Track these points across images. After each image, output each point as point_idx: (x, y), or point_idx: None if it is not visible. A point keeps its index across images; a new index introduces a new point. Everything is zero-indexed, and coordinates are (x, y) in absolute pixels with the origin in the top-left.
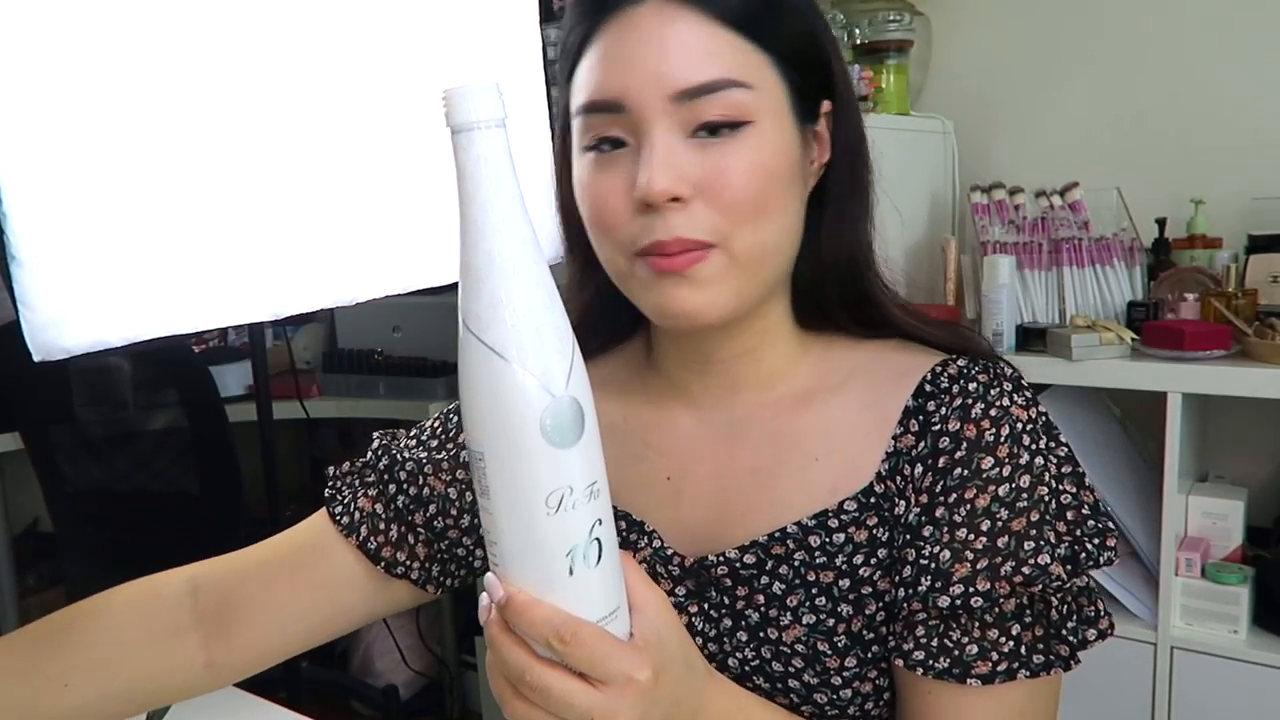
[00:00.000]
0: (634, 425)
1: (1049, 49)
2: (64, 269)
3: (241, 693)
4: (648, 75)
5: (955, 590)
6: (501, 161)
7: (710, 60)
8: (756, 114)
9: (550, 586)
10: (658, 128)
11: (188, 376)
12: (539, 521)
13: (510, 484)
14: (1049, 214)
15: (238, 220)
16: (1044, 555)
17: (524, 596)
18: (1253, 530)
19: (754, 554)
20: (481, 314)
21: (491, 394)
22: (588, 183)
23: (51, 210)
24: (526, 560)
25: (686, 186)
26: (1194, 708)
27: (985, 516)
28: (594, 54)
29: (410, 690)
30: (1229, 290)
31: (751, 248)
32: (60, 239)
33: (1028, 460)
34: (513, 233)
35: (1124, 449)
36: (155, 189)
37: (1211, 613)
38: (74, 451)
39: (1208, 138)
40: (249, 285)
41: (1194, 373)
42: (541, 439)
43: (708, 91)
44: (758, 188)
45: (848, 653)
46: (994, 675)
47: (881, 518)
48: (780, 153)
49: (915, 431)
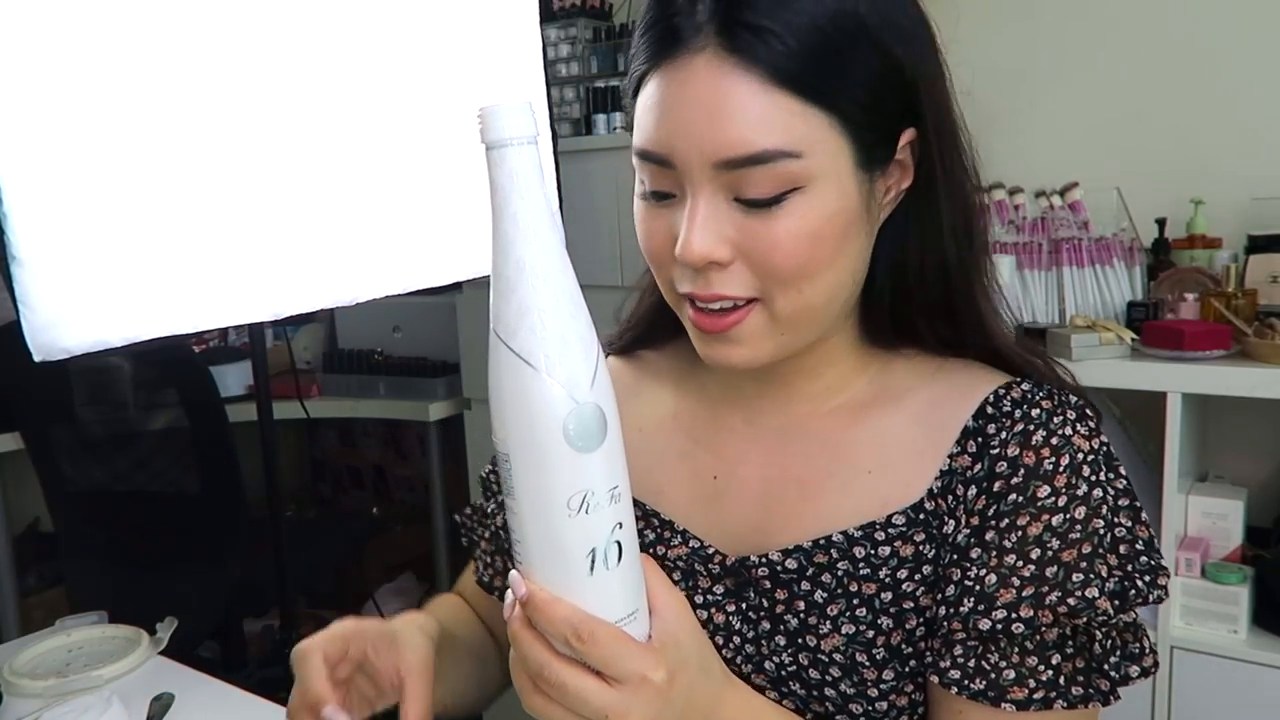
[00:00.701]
0: (685, 421)
1: (1049, 49)
2: (64, 269)
3: (241, 693)
4: (693, 140)
5: (998, 615)
6: (532, 176)
7: (760, 128)
8: (807, 180)
9: (571, 586)
10: (702, 191)
11: (188, 376)
12: (561, 522)
13: (534, 486)
14: (1049, 214)
15: (238, 220)
16: (1092, 589)
17: (545, 594)
18: (1252, 530)
19: (796, 559)
20: (510, 321)
21: (517, 398)
22: (641, 220)
23: (51, 210)
24: (548, 559)
25: (726, 250)
26: (1194, 708)
27: (1036, 545)
28: (649, 95)
29: None
30: (1229, 290)
31: (795, 309)
32: (60, 239)
33: (1085, 492)
34: (542, 244)
35: (1124, 449)
36: (155, 189)
37: (1211, 613)
38: (74, 451)
39: (1208, 138)
40: (249, 285)
41: (1194, 373)
42: (565, 443)
43: (754, 163)
44: (801, 255)
45: (885, 665)
46: (1030, 702)
47: (929, 535)
48: (832, 214)
49: (973, 453)
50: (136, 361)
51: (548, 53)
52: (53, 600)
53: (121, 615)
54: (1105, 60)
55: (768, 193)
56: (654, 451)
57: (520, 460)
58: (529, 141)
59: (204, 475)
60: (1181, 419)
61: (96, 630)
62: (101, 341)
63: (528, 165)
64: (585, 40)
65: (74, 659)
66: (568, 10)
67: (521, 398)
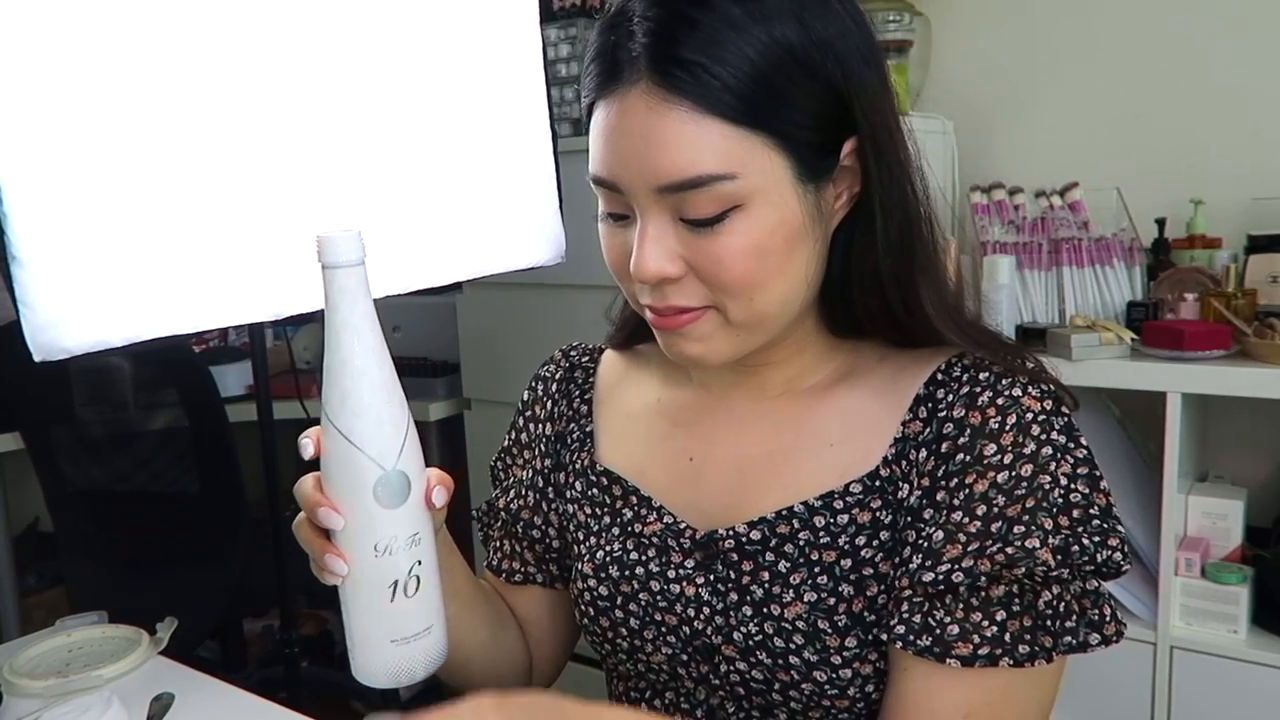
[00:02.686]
0: (667, 407)
1: (1049, 49)
2: (64, 269)
3: (241, 692)
4: (633, 167)
5: (941, 569)
6: (358, 292)
7: (693, 154)
8: (745, 198)
9: (377, 611)
10: (649, 213)
11: (188, 376)
12: (369, 562)
13: (351, 532)
14: (1049, 214)
15: (238, 220)
16: (1033, 539)
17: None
18: (1252, 530)
19: (760, 530)
20: (335, 404)
21: (340, 467)
22: (602, 239)
23: (51, 210)
24: (360, 589)
25: (676, 266)
26: (1194, 708)
27: (982, 501)
28: (596, 124)
29: (410, 690)
30: (1229, 290)
31: (747, 315)
32: (60, 239)
33: (1033, 450)
34: (363, 345)
35: (1124, 449)
36: (155, 189)
37: (1211, 613)
38: (74, 451)
39: (1208, 138)
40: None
41: (1194, 373)
42: (374, 502)
43: (691, 187)
44: (747, 269)
45: (848, 633)
46: (974, 658)
47: (885, 501)
48: (774, 228)
49: (923, 418)
50: (136, 361)
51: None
52: (53, 600)
53: (121, 615)
54: (1105, 60)
55: (709, 213)
56: (638, 435)
57: (344, 513)
58: (356, 264)
59: (204, 475)
60: (1181, 419)
61: (96, 630)
62: (101, 341)
63: (354, 283)
64: (585, 40)
65: (74, 659)
66: (568, 10)
67: (343, 466)
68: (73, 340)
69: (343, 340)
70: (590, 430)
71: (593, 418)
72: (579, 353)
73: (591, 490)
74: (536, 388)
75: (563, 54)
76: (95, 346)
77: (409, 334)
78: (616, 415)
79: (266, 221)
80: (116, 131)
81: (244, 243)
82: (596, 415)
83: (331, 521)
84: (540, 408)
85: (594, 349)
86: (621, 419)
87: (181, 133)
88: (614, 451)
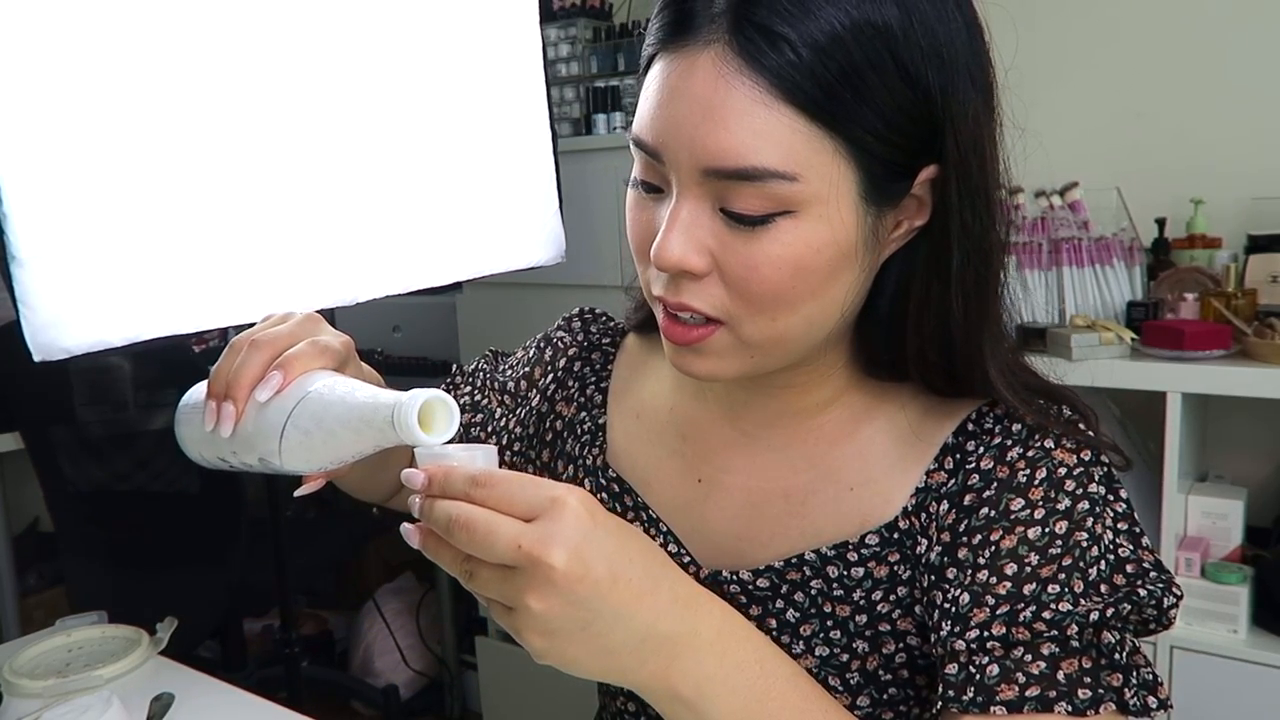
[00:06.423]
0: (677, 417)
1: (1049, 48)
2: (64, 269)
3: (241, 692)
4: (684, 139)
5: (971, 635)
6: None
7: (755, 142)
8: (800, 205)
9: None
10: (688, 194)
11: (188, 376)
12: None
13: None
14: (1049, 214)
15: (237, 221)
16: (1065, 603)
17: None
18: (1252, 530)
19: (768, 578)
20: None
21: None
22: (629, 208)
23: (51, 210)
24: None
25: (702, 261)
26: (1194, 708)
27: (1011, 559)
28: (653, 80)
29: (410, 690)
30: (1229, 290)
31: (765, 336)
32: (60, 239)
33: (1067, 506)
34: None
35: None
36: (155, 190)
37: (1211, 612)
38: (74, 451)
39: (1208, 138)
40: (248, 285)
41: (1194, 373)
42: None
43: (743, 178)
44: (779, 283)
45: (860, 691)
46: (1023, 701)
47: (904, 554)
48: (821, 246)
49: (949, 469)
50: (136, 361)
51: (548, 53)
52: (53, 600)
53: (121, 615)
54: (1105, 60)
55: (755, 211)
56: (647, 441)
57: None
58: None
59: (204, 475)
60: (1181, 419)
61: (96, 630)
62: (101, 341)
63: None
64: (585, 40)
65: (74, 659)
66: (568, 10)
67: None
68: (73, 340)
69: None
70: (603, 424)
71: (606, 410)
72: (599, 331)
73: (601, 495)
74: (545, 351)
75: (563, 54)
76: (95, 346)
77: (409, 334)
78: (628, 413)
79: (266, 222)
80: (117, 133)
81: (243, 243)
82: (610, 408)
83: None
84: (542, 374)
85: (615, 328)
86: (631, 418)
87: (182, 134)
88: (622, 454)
